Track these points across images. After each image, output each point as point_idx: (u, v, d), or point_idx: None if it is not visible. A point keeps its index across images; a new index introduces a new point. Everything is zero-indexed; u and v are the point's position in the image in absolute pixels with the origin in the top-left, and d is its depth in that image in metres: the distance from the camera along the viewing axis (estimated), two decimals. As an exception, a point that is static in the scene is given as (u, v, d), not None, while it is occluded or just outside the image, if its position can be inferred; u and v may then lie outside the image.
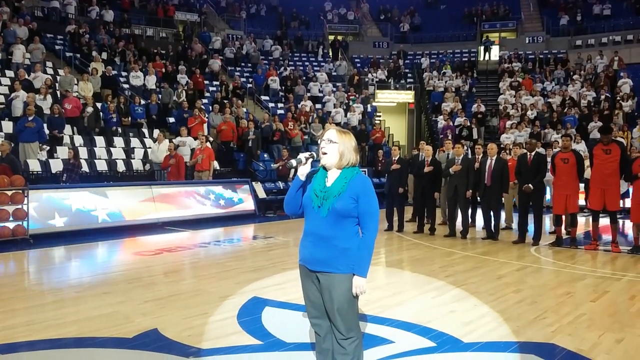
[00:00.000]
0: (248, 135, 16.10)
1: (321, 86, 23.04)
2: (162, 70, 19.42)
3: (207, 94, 19.72)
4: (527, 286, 6.64)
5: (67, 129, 13.97)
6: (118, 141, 14.83)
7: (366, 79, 25.18)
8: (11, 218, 9.26)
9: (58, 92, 15.44)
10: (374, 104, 23.98)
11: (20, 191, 9.36)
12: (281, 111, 19.97)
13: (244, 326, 4.94)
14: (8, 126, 13.21)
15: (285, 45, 26.93)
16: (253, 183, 14.16)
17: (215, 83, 20.86)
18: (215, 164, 14.10)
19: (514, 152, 12.09)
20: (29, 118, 12.10)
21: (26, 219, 9.39)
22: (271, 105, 20.98)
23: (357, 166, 3.22)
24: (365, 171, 16.87)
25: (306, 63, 26.19)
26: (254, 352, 4.32)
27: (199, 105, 16.60)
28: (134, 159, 14.32)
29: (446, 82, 24.28)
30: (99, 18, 22.67)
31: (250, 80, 22.30)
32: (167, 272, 7.41)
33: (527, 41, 27.58)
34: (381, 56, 27.90)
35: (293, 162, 3.20)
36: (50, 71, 17.08)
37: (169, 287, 6.46)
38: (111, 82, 16.96)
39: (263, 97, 21.50)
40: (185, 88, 18.17)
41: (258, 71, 22.55)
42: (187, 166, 13.47)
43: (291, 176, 14.67)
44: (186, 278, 7.20)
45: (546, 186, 12.89)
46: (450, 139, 13.43)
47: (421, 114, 25.39)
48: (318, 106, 21.34)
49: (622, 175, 8.76)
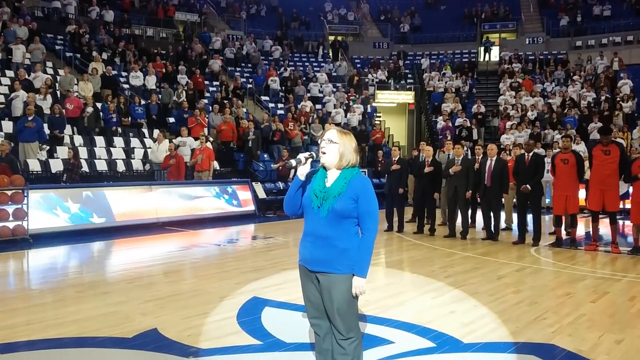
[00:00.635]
0: (248, 135, 16.10)
1: (321, 87, 23.05)
2: (162, 70, 19.42)
3: (207, 94, 19.72)
4: (527, 287, 6.64)
5: (67, 129, 13.96)
6: (118, 141, 14.83)
7: (366, 80, 25.18)
8: (11, 218, 9.26)
9: (58, 92, 15.44)
10: (374, 105, 23.99)
11: (20, 191, 9.36)
12: (281, 111, 19.97)
13: (244, 326, 4.94)
14: (8, 126, 13.20)
15: (285, 45, 26.94)
16: (253, 183, 14.16)
17: (215, 83, 20.86)
18: (215, 164, 14.10)
19: (514, 153, 12.09)
20: (29, 118, 12.10)
21: (26, 219, 9.39)
22: (271, 105, 20.98)
23: (357, 167, 3.21)
24: (365, 172, 16.87)
25: (306, 63, 26.19)
26: (254, 352, 4.31)
27: (202, 105, 16.61)
28: (134, 159, 14.32)
29: (446, 83, 24.28)
30: (99, 18, 22.67)
31: (250, 80, 22.30)
32: (167, 272, 7.41)
33: (527, 42, 27.59)
34: (381, 57, 27.90)
35: (293, 162, 3.20)
36: (50, 71, 17.08)
37: (169, 287, 6.46)
38: (111, 82, 16.95)
39: (263, 98, 21.50)
40: (185, 88, 18.17)
41: (258, 71, 22.55)
42: (187, 166, 13.47)
43: (291, 176, 14.68)
44: (186, 278, 7.20)
45: (546, 187, 12.94)
46: (450, 140, 13.43)
47: (421, 115, 25.40)
48: (318, 107, 21.34)
49: (622, 176, 8.76)
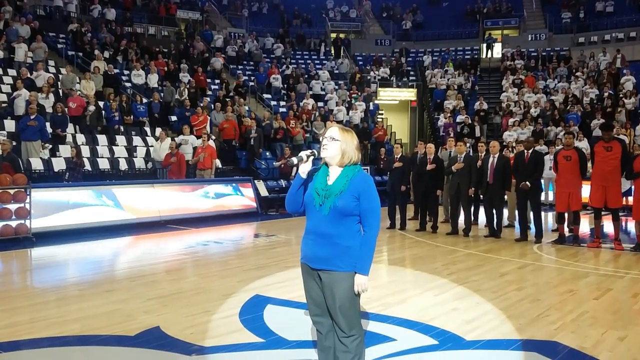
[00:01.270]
0: (250, 133, 16.09)
1: (323, 84, 23.03)
2: (164, 68, 19.43)
3: (209, 93, 19.72)
4: (530, 284, 6.63)
5: (70, 128, 13.98)
6: (120, 140, 14.84)
7: (368, 77, 25.16)
8: (14, 216, 9.27)
9: (60, 91, 15.45)
10: (376, 102, 23.97)
11: (22, 190, 9.37)
12: (283, 109, 19.96)
13: (246, 324, 4.94)
14: (11, 125, 13.23)
15: (287, 43, 26.91)
16: (255, 181, 14.16)
17: (217, 81, 20.85)
18: (217, 162, 14.12)
19: (517, 150, 12.05)
20: (31, 117, 12.11)
21: (28, 218, 9.40)
22: (273, 103, 20.98)
23: (359, 164, 3.21)
24: (367, 169, 16.86)
25: (308, 61, 26.18)
26: (256, 350, 4.32)
27: (205, 103, 16.60)
28: (136, 158, 14.33)
29: (448, 80, 24.24)
30: (101, 17, 22.67)
31: (252, 78, 22.29)
32: (170, 270, 7.42)
33: (530, 38, 27.49)
34: (383, 54, 27.87)
35: (294, 160, 3.19)
36: (52, 70, 17.09)
37: (172, 285, 6.47)
38: (113, 81, 16.96)
39: (265, 96, 21.48)
40: (187, 86, 18.17)
41: (260, 69, 22.55)
42: (189, 164, 13.48)
43: (293, 174, 14.68)
44: (188, 276, 7.20)
45: (549, 184, 12.93)
46: (452, 137, 13.40)
47: (423, 112, 25.36)
48: (320, 104, 21.34)
49: (624, 172, 8.74)
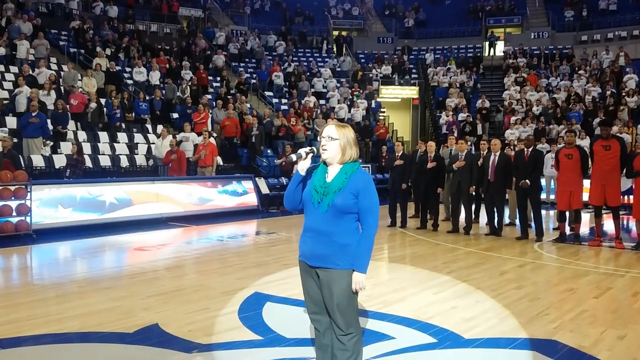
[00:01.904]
0: (252, 131, 16.08)
1: (325, 82, 23.01)
2: (166, 66, 19.43)
3: (211, 90, 19.72)
4: (530, 282, 6.62)
5: (71, 125, 13.99)
6: (122, 137, 14.84)
7: (370, 75, 25.13)
8: (14, 213, 9.28)
9: (62, 88, 15.46)
10: (378, 100, 23.93)
11: (23, 186, 9.38)
12: (285, 107, 19.95)
13: (245, 321, 4.94)
14: (12, 121, 13.23)
15: (289, 40, 26.88)
16: (256, 179, 14.15)
17: (219, 79, 20.84)
18: (218, 160, 14.11)
19: (519, 148, 12.03)
20: (33, 114, 12.12)
21: (29, 214, 9.41)
22: (275, 101, 20.96)
23: (358, 161, 3.20)
24: (368, 167, 16.85)
25: (310, 59, 26.15)
26: (254, 348, 4.32)
27: (205, 100, 16.58)
28: (138, 155, 14.33)
29: (451, 78, 24.20)
30: (103, 14, 22.68)
31: (254, 76, 22.28)
32: (170, 268, 7.42)
33: (533, 36, 27.41)
34: (385, 52, 27.81)
35: (293, 157, 3.19)
36: (54, 67, 17.11)
37: (172, 282, 6.48)
38: (115, 78, 16.96)
39: (267, 93, 21.47)
40: (189, 84, 18.17)
41: (262, 67, 22.52)
42: (190, 162, 13.47)
43: (294, 172, 14.65)
44: (188, 273, 7.21)
45: (550, 182, 12.90)
46: (454, 135, 13.38)
47: (425, 110, 25.32)
48: (322, 102, 21.31)
49: (623, 170, 8.73)
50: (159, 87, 17.65)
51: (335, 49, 28.01)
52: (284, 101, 21.02)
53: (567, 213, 9.78)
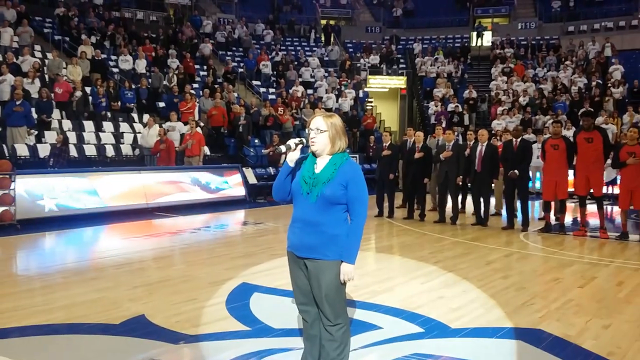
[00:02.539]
0: (239, 120, 15.99)
1: (313, 71, 22.91)
2: (152, 54, 19.20)
3: (198, 79, 19.56)
4: (516, 272, 6.68)
5: (56, 114, 13.82)
6: (107, 126, 14.70)
7: (358, 65, 25.06)
8: (-2, 203, 9.18)
9: (46, 76, 15.26)
10: (366, 90, 23.89)
11: (7, 176, 9.26)
12: (272, 96, 19.85)
13: (232, 312, 4.93)
14: (-5, 110, 13.05)
15: (277, 29, 26.71)
16: (244, 169, 14.09)
17: (206, 67, 20.66)
18: (205, 150, 14.03)
19: (505, 138, 12.05)
20: (17, 102, 11.95)
21: (13, 204, 9.30)
22: (262, 90, 20.85)
23: (347, 152, 3.20)
24: (356, 157, 16.84)
25: (298, 48, 26.01)
26: (242, 338, 4.31)
27: (188, 90, 16.43)
28: (124, 144, 14.21)
29: (438, 68, 24.20)
30: (89, 1, 22.35)
31: (241, 65, 22.13)
32: (156, 258, 7.39)
33: (520, 27, 27.50)
34: (373, 41, 27.74)
35: (282, 148, 3.17)
36: (38, 54, 16.85)
37: (158, 273, 6.44)
38: (100, 66, 16.74)
39: (254, 82, 21.35)
40: (175, 72, 18.00)
41: (249, 56, 22.37)
42: (177, 151, 13.38)
43: (282, 162, 14.61)
44: (175, 264, 7.17)
45: (536, 172, 12.98)
46: (441, 126, 13.39)
47: (413, 100, 25.34)
48: (310, 91, 21.24)
49: (607, 160, 8.82)
50: (145, 76, 17.47)
51: (323, 38, 27.89)
52: (272, 90, 20.91)
53: (553, 203, 9.85)
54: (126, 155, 13.84)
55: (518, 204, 10.04)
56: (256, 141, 16.70)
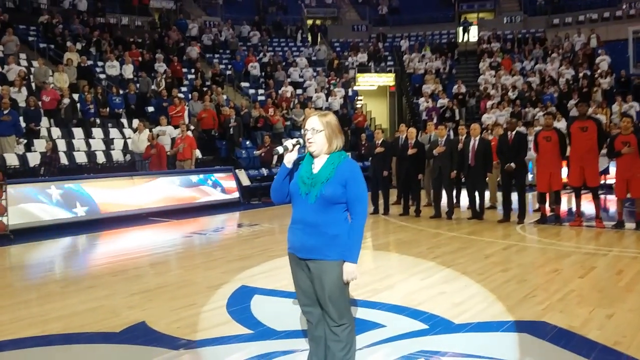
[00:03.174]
0: (229, 122, 15.90)
1: (301, 71, 22.85)
2: (139, 59, 19.08)
3: (186, 82, 19.45)
4: (515, 265, 6.66)
5: (44, 122, 13.68)
6: (97, 132, 14.56)
7: (346, 63, 25.03)
8: (-10, 214, 9.05)
9: (33, 84, 15.10)
10: (355, 88, 23.86)
11: (-2, 186, 9.14)
12: (262, 97, 19.78)
13: (234, 315, 4.87)
14: (-17, 120, 12.87)
15: (263, 30, 26.60)
16: (236, 171, 14.02)
17: (194, 71, 20.55)
18: (197, 153, 13.94)
19: (496, 132, 12.08)
20: (4, 111, 11.81)
21: (5, 214, 9.17)
22: (252, 91, 20.76)
23: (344, 150, 3.16)
24: (348, 155, 16.78)
25: (285, 48, 25.93)
26: (245, 342, 4.25)
27: (175, 93, 16.29)
28: (114, 150, 14.08)
29: (426, 64, 24.22)
30: (72, 7, 22.17)
31: (229, 67, 22.03)
32: (153, 264, 7.31)
33: (505, 21, 27.55)
34: (360, 39, 27.71)
35: (279, 149, 3.13)
36: (24, 63, 16.66)
37: (155, 279, 6.37)
38: (87, 73, 16.58)
39: (243, 84, 21.25)
40: (163, 76, 17.88)
41: (237, 57, 22.27)
42: (169, 155, 13.28)
43: (274, 162, 14.58)
44: (172, 269, 7.10)
45: (529, 164, 13.02)
46: (432, 121, 13.41)
47: (402, 97, 25.34)
48: (299, 91, 21.18)
49: (601, 149, 8.84)
50: (133, 81, 17.34)
51: (310, 38, 27.82)
52: (261, 92, 20.82)
53: (547, 194, 9.87)
54: (117, 161, 13.71)
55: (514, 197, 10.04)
56: (247, 143, 16.62)
